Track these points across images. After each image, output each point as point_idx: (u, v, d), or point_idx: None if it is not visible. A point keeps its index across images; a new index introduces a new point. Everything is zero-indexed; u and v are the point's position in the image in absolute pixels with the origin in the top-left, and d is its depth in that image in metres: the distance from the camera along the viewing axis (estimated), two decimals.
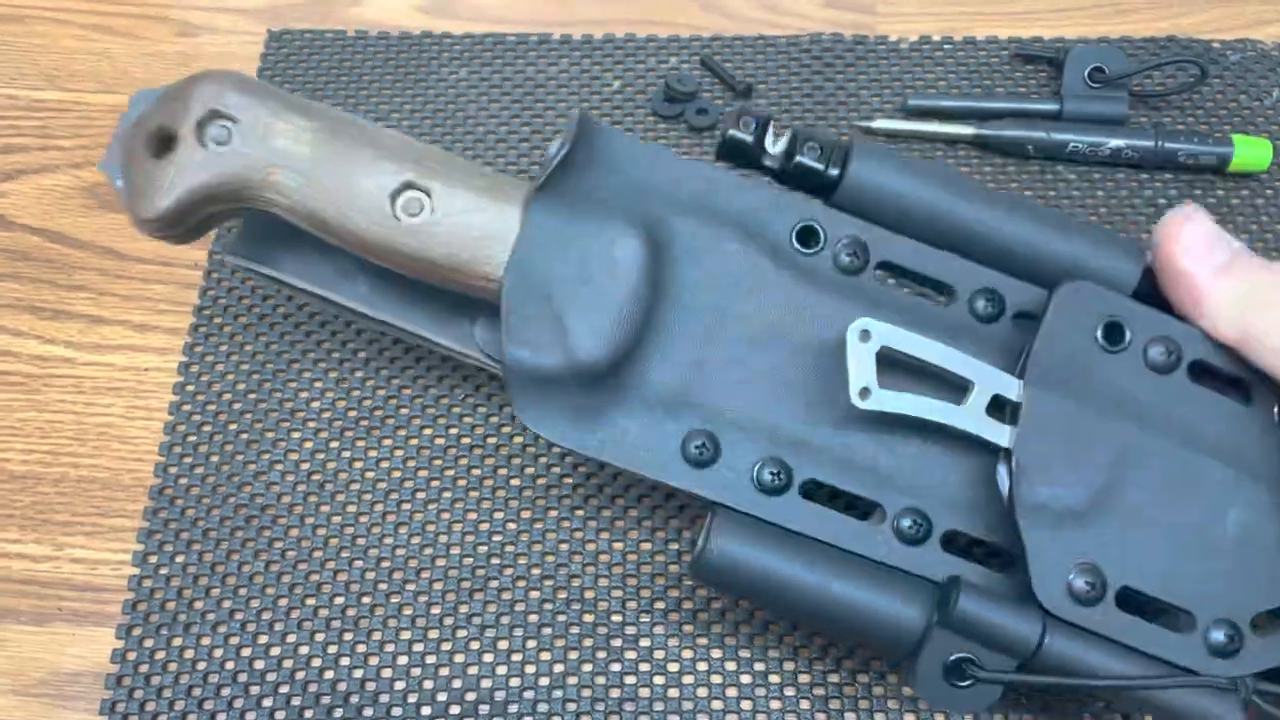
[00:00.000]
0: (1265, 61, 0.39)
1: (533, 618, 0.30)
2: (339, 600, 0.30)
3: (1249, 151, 0.36)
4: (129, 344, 0.34)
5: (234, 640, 0.29)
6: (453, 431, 0.32)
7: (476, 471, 0.32)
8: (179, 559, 0.30)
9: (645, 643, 0.29)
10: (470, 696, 0.28)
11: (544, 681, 0.29)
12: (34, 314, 0.35)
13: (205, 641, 0.29)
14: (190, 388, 0.33)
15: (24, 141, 0.38)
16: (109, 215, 0.36)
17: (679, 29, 0.40)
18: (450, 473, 0.32)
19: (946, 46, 0.39)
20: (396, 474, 0.32)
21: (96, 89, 0.39)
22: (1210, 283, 0.26)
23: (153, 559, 0.30)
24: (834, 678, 0.29)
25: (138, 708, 0.29)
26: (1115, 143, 0.36)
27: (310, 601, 0.30)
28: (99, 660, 0.29)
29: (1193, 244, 0.26)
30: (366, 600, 0.30)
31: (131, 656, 0.29)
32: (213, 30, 0.40)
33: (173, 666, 0.29)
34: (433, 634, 0.29)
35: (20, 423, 0.33)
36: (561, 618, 0.29)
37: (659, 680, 0.29)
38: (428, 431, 0.32)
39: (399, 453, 0.32)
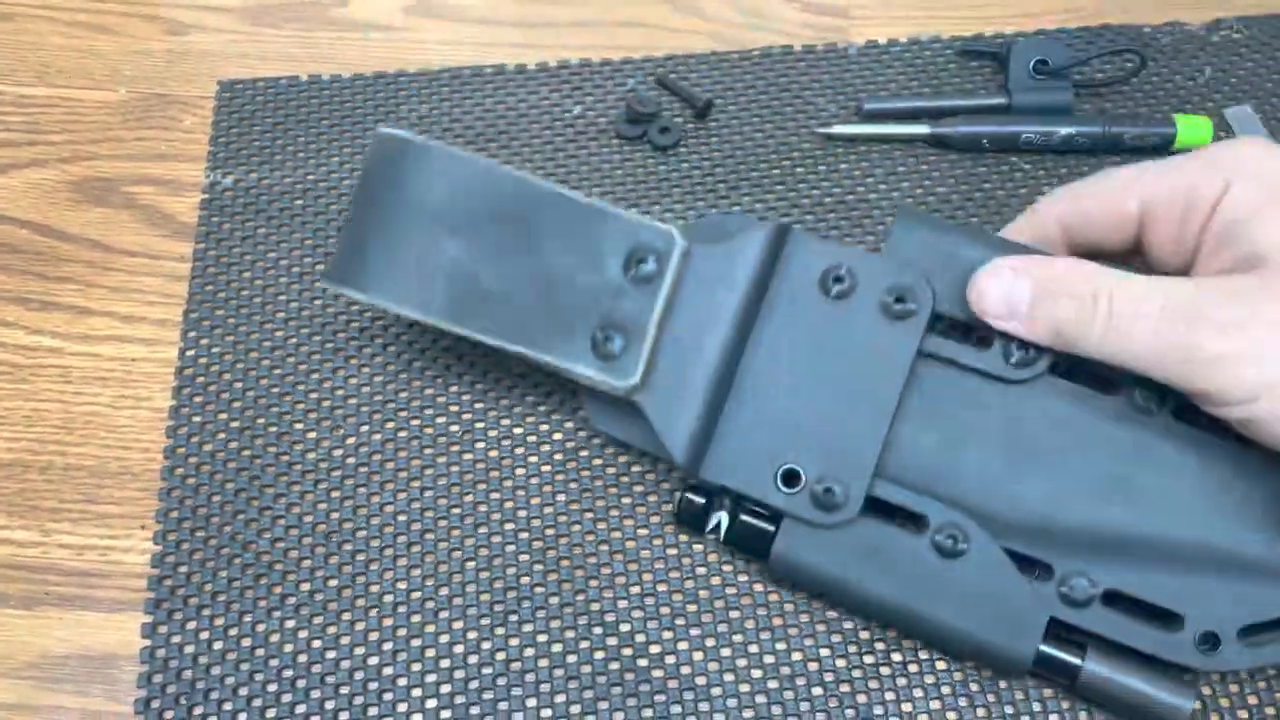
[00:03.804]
0: (1195, 42, 0.42)
1: (556, 647, 0.30)
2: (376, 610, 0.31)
3: (1190, 130, 0.38)
4: (116, 335, 0.36)
5: (262, 604, 0.30)
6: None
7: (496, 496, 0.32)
8: (199, 534, 0.31)
9: (670, 659, 0.30)
10: None
11: (575, 710, 0.29)
12: (22, 305, 0.36)
13: (235, 608, 0.30)
14: (189, 371, 0.34)
15: (13, 136, 0.36)
16: (97, 209, 0.36)
17: (656, 32, 0.42)
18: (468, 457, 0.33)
19: (894, 49, 0.41)
20: (405, 454, 0.33)
21: (85, 85, 0.37)
22: (1028, 332, 0.28)
23: (172, 536, 0.31)
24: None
25: (174, 677, 0.29)
26: (1065, 130, 0.39)
27: (348, 593, 0.31)
28: (85, 644, 0.30)
29: (994, 305, 0.28)
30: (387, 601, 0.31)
31: (163, 630, 0.30)
32: (201, 28, 0.38)
33: (205, 635, 0.30)
34: (458, 674, 0.30)
35: (7, 411, 0.34)
36: (585, 644, 0.30)
37: (689, 696, 0.29)
38: (439, 418, 0.33)
39: (404, 434, 0.33)
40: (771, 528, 0.29)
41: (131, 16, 0.41)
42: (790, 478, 0.29)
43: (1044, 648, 0.27)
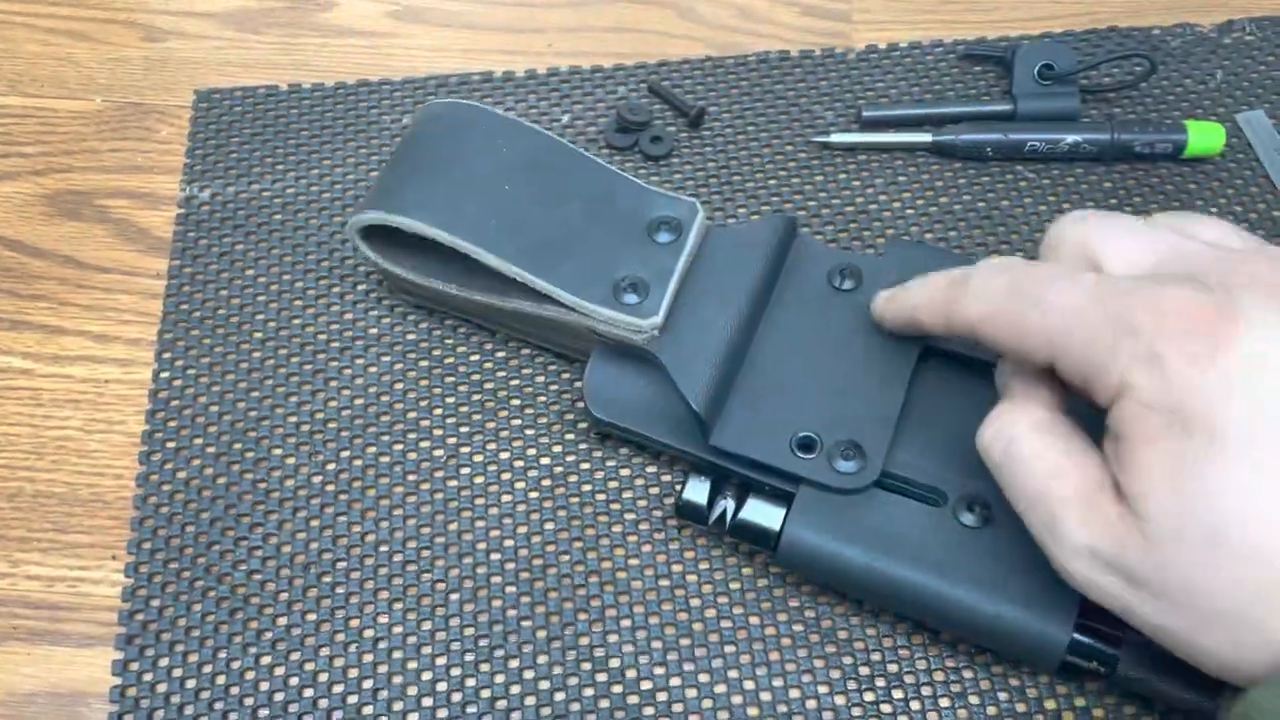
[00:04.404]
0: (1206, 44, 0.40)
1: (544, 684, 0.29)
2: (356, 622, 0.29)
3: (1202, 136, 0.37)
4: (89, 355, 0.34)
5: (237, 639, 0.29)
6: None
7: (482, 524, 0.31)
8: (172, 565, 0.30)
9: (662, 697, 0.28)
10: None
11: None
12: None
13: (210, 643, 0.29)
14: (163, 394, 0.33)
15: None
16: (70, 224, 0.34)
17: (648, 37, 0.41)
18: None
19: (894, 54, 0.40)
20: (385, 479, 0.31)
21: (60, 95, 0.35)
22: None
23: (144, 568, 0.30)
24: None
25: (146, 717, 0.28)
26: (1072, 138, 0.38)
27: (326, 627, 0.29)
28: (54, 680, 0.29)
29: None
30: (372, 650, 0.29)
31: (134, 667, 0.29)
32: (180, 35, 0.37)
33: (178, 673, 0.28)
34: (441, 713, 0.28)
35: None
36: (574, 680, 0.29)
37: None
38: (404, 445, 0.32)
39: (386, 459, 0.32)
40: (782, 509, 0.28)
41: (108, 23, 0.40)
42: (807, 444, 0.28)
43: (1078, 635, 0.26)
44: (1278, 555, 0.20)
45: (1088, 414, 0.24)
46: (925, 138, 0.37)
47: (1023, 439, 0.24)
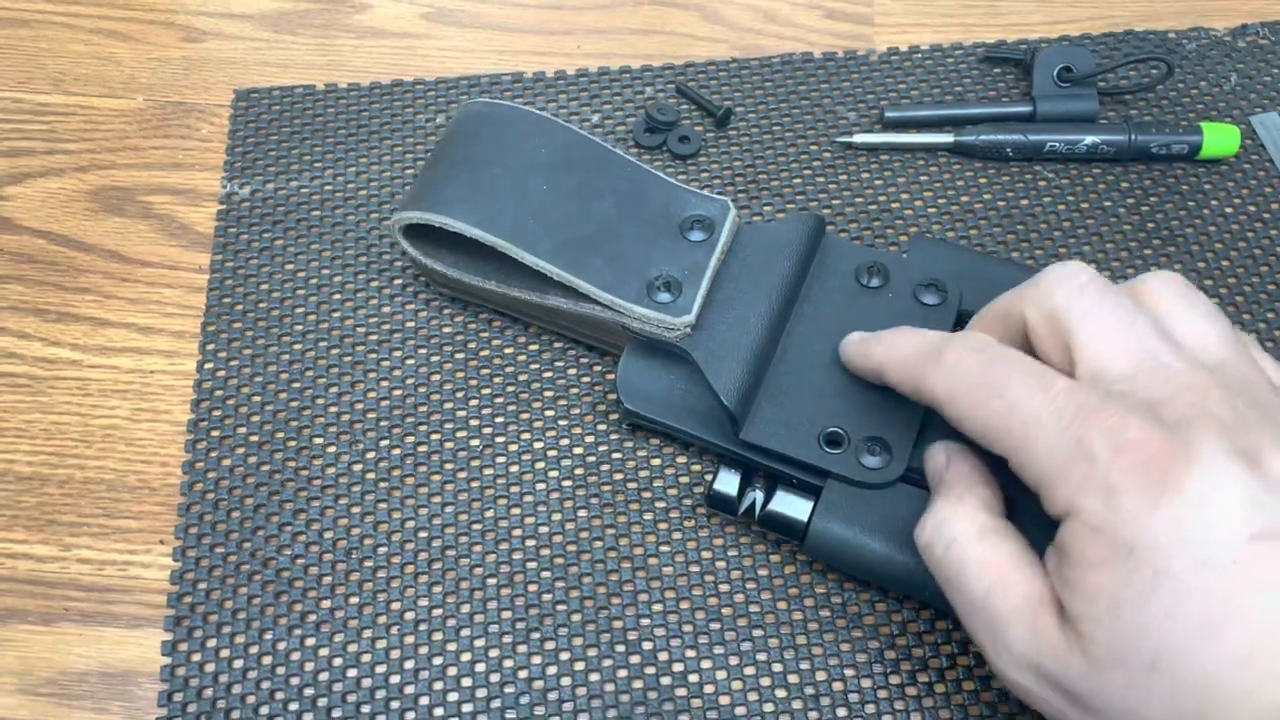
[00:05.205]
0: (1220, 48, 0.41)
1: (580, 665, 0.30)
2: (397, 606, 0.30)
3: (1218, 138, 0.38)
4: (134, 347, 0.35)
5: (282, 621, 0.30)
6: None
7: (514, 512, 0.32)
8: (218, 550, 0.31)
9: (694, 678, 0.29)
10: None
11: None
12: (40, 316, 0.36)
13: (256, 625, 0.30)
14: (207, 384, 0.34)
15: (30, 145, 0.36)
16: (114, 219, 0.35)
17: (676, 39, 0.42)
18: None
19: (916, 56, 0.41)
20: (422, 469, 0.32)
21: (102, 93, 0.37)
22: None
23: (191, 552, 0.31)
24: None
25: (195, 695, 0.29)
26: (1090, 139, 0.38)
27: (369, 610, 0.30)
28: (105, 660, 0.30)
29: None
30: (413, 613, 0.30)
31: (183, 648, 0.30)
32: (219, 35, 0.38)
33: (225, 653, 0.29)
34: (480, 692, 0.29)
35: (26, 424, 0.34)
36: (609, 662, 0.30)
37: (712, 716, 0.29)
38: (437, 431, 0.33)
39: (423, 448, 0.32)
40: (810, 501, 0.29)
41: (149, 24, 0.41)
42: (834, 440, 0.29)
43: None
44: (1210, 685, 0.21)
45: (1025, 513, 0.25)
46: (946, 138, 0.38)
47: (965, 542, 0.25)
